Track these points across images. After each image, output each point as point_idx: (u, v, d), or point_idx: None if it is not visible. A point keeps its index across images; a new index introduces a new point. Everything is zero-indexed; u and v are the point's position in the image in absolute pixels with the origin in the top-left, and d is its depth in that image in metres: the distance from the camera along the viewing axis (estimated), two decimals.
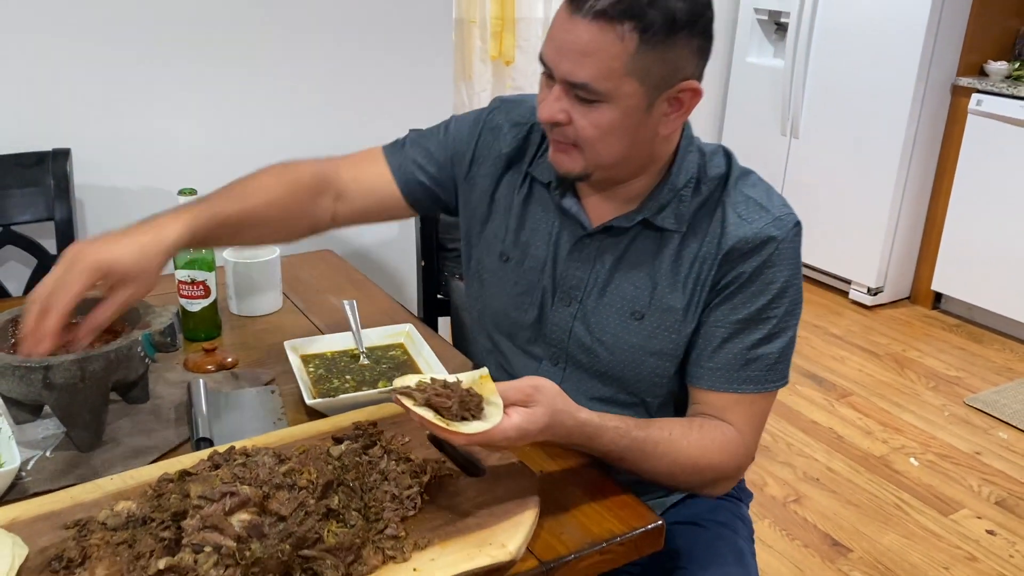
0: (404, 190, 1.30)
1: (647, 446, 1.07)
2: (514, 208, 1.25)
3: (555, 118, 1.07)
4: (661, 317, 1.16)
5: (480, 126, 1.29)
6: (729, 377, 1.14)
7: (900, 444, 2.75)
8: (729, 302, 1.13)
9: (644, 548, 1.02)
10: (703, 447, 1.11)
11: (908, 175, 3.56)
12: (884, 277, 3.71)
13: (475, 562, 0.90)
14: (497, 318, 1.30)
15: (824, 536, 2.31)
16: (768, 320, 1.13)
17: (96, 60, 1.77)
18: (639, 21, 0.99)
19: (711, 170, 1.16)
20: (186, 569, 0.82)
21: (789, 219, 1.14)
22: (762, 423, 1.18)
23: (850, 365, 3.26)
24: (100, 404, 1.12)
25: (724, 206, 1.14)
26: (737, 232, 1.12)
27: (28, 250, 1.73)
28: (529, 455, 1.12)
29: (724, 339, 1.14)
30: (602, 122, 1.06)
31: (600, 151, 1.09)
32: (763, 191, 1.16)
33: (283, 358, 1.34)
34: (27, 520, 0.94)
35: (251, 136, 1.98)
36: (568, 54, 1.03)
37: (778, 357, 1.14)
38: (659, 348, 1.17)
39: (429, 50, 2.17)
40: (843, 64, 3.61)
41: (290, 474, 0.92)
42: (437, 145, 1.31)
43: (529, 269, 1.24)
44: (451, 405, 0.94)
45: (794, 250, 1.15)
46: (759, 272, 1.12)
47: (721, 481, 1.16)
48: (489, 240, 1.28)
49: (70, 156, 1.74)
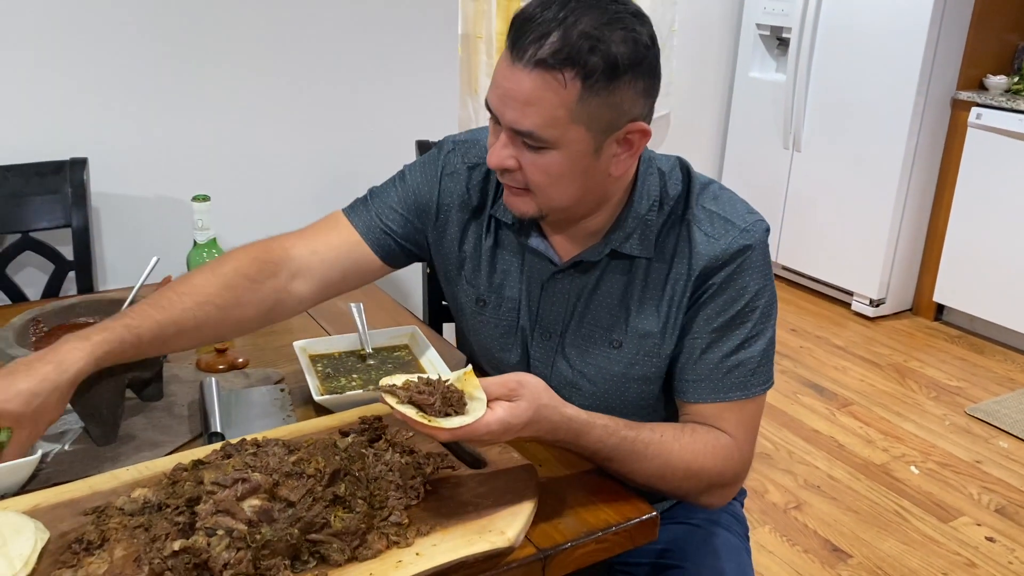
0: (377, 249, 1.26)
1: (637, 446, 1.07)
2: (483, 254, 1.25)
3: (504, 164, 1.07)
4: (639, 343, 1.17)
5: (439, 172, 1.27)
6: (714, 387, 1.15)
7: (901, 453, 2.78)
8: (703, 312, 1.14)
9: (638, 538, 1.06)
10: (695, 451, 1.11)
11: (909, 188, 3.60)
12: (886, 289, 3.75)
13: (475, 547, 0.94)
14: (485, 357, 1.32)
15: (824, 542, 2.34)
16: (744, 325, 1.14)
17: (112, 72, 1.82)
18: (580, 68, 0.98)
19: (671, 189, 1.16)
20: (200, 551, 0.86)
21: (757, 227, 1.15)
22: (755, 427, 1.18)
23: (852, 375, 3.29)
24: (117, 400, 1.17)
25: (688, 225, 1.14)
26: (707, 252, 1.13)
27: (46, 256, 1.78)
28: (529, 450, 1.16)
29: (703, 350, 1.14)
30: (551, 168, 1.05)
31: (551, 195, 1.09)
32: (725, 202, 1.16)
33: (292, 359, 1.38)
34: (48, 507, 0.98)
35: (262, 145, 2.04)
36: (511, 103, 1.02)
37: (759, 360, 1.15)
38: (641, 374, 1.18)
39: (435, 64, 2.22)
40: (844, 78, 3.66)
41: (299, 463, 0.96)
42: (398, 199, 1.28)
43: (507, 311, 1.25)
44: (433, 402, 0.96)
45: (763, 255, 1.15)
46: (730, 280, 1.13)
47: (717, 489, 1.15)
48: (464, 286, 1.28)
49: (87, 165, 1.80)
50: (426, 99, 2.23)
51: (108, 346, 1.06)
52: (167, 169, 1.94)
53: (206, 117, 1.95)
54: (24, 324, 1.22)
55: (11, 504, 0.99)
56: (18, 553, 0.88)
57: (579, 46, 0.98)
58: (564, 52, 0.98)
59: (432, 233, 1.29)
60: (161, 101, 1.89)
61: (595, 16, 0.99)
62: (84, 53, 1.79)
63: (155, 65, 1.86)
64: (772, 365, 1.19)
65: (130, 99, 1.86)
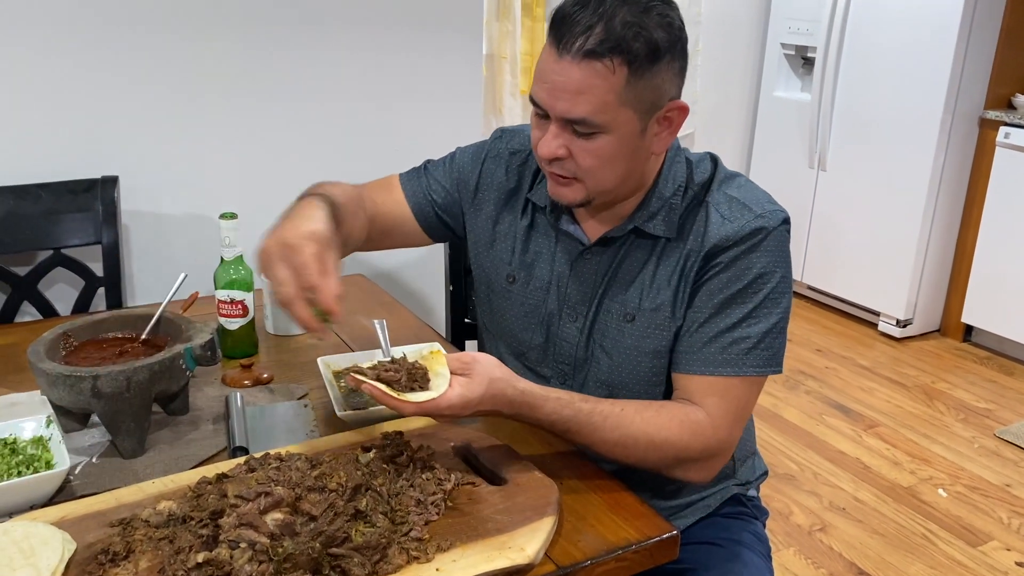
0: (418, 216, 1.40)
1: (594, 418, 1.12)
2: (518, 234, 1.33)
3: (555, 153, 1.13)
4: (651, 316, 1.21)
5: (483, 154, 1.38)
6: (704, 359, 1.18)
7: (928, 475, 2.74)
8: (707, 286, 1.18)
9: (659, 557, 1.05)
10: (660, 424, 1.14)
11: (936, 207, 3.57)
12: (913, 309, 3.71)
13: (495, 564, 0.94)
14: (507, 339, 1.36)
15: (850, 565, 2.31)
16: (745, 304, 1.17)
17: (143, 92, 1.86)
18: (626, 54, 1.06)
19: (697, 176, 1.23)
20: (223, 563, 0.87)
21: (775, 215, 1.19)
22: (739, 412, 1.19)
23: (878, 396, 3.26)
24: (143, 413, 1.19)
25: (707, 207, 1.20)
26: (720, 231, 1.17)
27: (77, 272, 1.81)
28: (548, 467, 1.16)
29: (701, 323, 1.18)
30: (602, 151, 1.12)
31: (601, 178, 1.15)
32: (748, 191, 1.21)
33: (316, 375, 1.40)
34: (75, 518, 1.00)
35: (288, 164, 2.07)
36: (562, 94, 1.09)
37: (757, 341, 1.17)
38: (652, 347, 1.22)
39: (460, 85, 2.24)
40: (870, 97, 3.64)
41: (321, 477, 0.97)
42: (444, 174, 1.40)
43: (534, 290, 1.31)
44: (400, 378, 1.04)
45: (779, 242, 1.18)
46: (737, 259, 1.17)
47: (688, 463, 1.18)
48: (495, 263, 1.35)
49: (118, 183, 1.83)
50: (451, 119, 2.25)
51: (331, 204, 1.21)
52: (196, 187, 1.97)
53: (234, 136, 1.99)
54: (55, 338, 1.24)
55: (40, 515, 1.01)
56: (46, 564, 0.89)
57: (623, 34, 1.05)
58: (610, 41, 1.05)
59: (469, 209, 1.38)
60: (191, 120, 1.93)
61: (632, 6, 1.07)
62: (116, 73, 1.83)
63: (185, 85, 1.90)
64: (777, 352, 1.19)
65: (160, 118, 1.89)
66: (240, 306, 1.49)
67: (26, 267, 1.79)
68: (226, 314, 1.49)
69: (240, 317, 1.50)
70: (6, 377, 1.41)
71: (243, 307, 1.49)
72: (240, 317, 1.50)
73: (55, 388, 1.14)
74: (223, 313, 1.50)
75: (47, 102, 1.79)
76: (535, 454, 1.20)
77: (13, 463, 1.08)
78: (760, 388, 1.22)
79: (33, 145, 1.80)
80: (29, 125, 1.78)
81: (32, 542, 0.92)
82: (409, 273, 2.28)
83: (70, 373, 1.13)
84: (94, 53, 1.80)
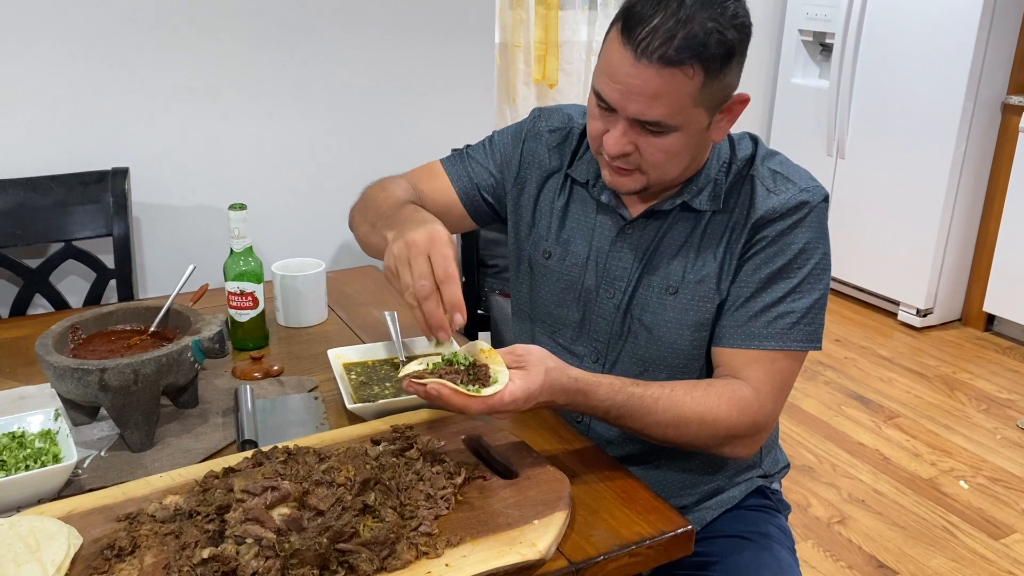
0: (464, 201, 1.40)
1: (646, 401, 1.11)
2: (556, 210, 1.33)
3: (624, 151, 1.13)
4: (695, 289, 1.21)
5: (523, 134, 1.38)
6: (748, 333, 1.18)
7: (949, 467, 2.70)
8: (752, 261, 1.19)
9: (673, 552, 1.03)
10: (709, 403, 1.13)
11: (958, 195, 3.51)
12: (934, 298, 3.66)
13: (505, 559, 0.92)
14: (543, 316, 1.36)
15: (869, 558, 2.28)
16: (790, 279, 1.17)
17: (153, 83, 1.85)
18: (704, 61, 1.06)
19: (740, 152, 1.24)
20: (228, 559, 0.86)
21: (817, 191, 1.20)
22: (783, 385, 1.19)
23: (898, 387, 3.22)
24: (152, 406, 1.18)
25: (753, 180, 1.21)
26: (766, 204, 1.18)
27: (88, 264, 1.80)
28: (560, 460, 1.14)
29: (747, 298, 1.19)
30: (671, 147, 1.13)
31: (666, 171, 1.16)
32: (790, 168, 1.23)
33: (327, 367, 1.38)
34: (82, 513, 0.99)
35: (298, 155, 2.05)
36: (636, 98, 1.08)
37: (801, 316, 1.17)
38: (695, 320, 1.21)
39: (472, 74, 2.22)
40: (890, 84, 3.58)
41: (329, 471, 0.96)
42: (485, 156, 1.41)
43: (571, 266, 1.31)
44: (461, 378, 1.02)
45: (820, 218, 1.19)
46: (783, 234, 1.17)
47: (737, 440, 1.17)
48: (536, 240, 1.35)
49: (128, 175, 1.82)
50: (463, 108, 2.23)
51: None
52: (206, 179, 1.96)
53: (244, 127, 1.97)
54: (63, 331, 1.23)
55: (46, 509, 1.00)
56: (51, 559, 0.88)
57: (703, 40, 1.05)
58: (692, 49, 1.05)
59: (512, 189, 1.38)
60: (200, 112, 1.92)
61: (711, 8, 1.06)
62: (126, 65, 1.82)
63: (195, 77, 1.89)
64: (818, 329, 1.20)
65: (170, 110, 1.88)
66: (250, 298, 1.48)
67: (38, 259, 1.79)
68: (236, 306, 1.48)
69: (250, 309, 1.48)
70: (16, 371, 1.41)
71: (253, 299, 1.48)
72: (250, 309, 1.48)
73: (63, 381, 1.13)
74: (233, 305, 1.48)
75: (57, 94, 1.78)
76: (546, 447, 1.19)
77: (21, 457, 1.08)
78: (801, 364, 1.22)
79: (43, 137, 1.79)
80: (40, 117, 1.78)
81: (38, 537, 0.91)
82: None
83: (77, 366, 1.12)
84: (105, 45, 1.79)
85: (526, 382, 1.03)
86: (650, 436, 1.15)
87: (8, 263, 1.75)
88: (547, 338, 1.36)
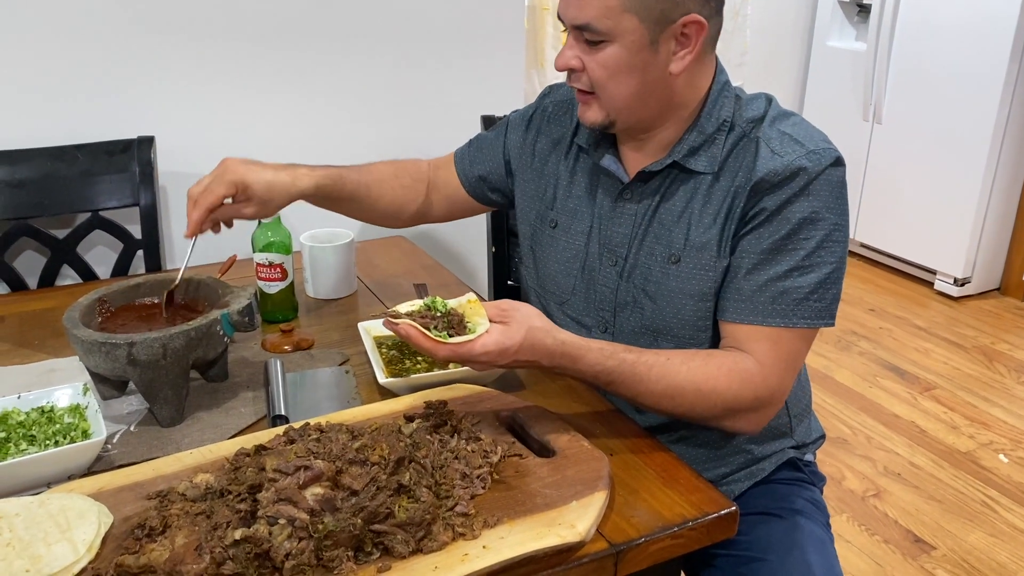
0: (471, 192, 1.45)
1: (638, 368, 1.08)
2: (562, 179, 1.31)
3: (568, 64, 1.13)
4: (697, 256, 1.16)
5: (531, 113, 1.39)
6: (753, 308, 1.13)
7: (988, 440, 2.64)
8: (755, 232, 1.13)
9: (716, 534, 1.00)
10: (707, 373, 1.10)
11: (999, 161, 3.41)
12: (972, 267, 3.57)
13: (544, 542, 0.89)
14: (550, 287, 1.33)
15: (906, 532, 2.24)
16: (795, 252, 1.11)
17: (179, 50, 1.82)
18: None
19: (747, 113, 1.17)
20: (261, 540, 0.84)
21: (827, 154, 1.12)
22: (790, 362, 1.15)
23: (934, 358, 3.15)
24: (181, 381, 1.16)
25: (758, 142, 1.14)
26: (768, 165, 1.12)
27: (115, 235, 1.78)
28: (599, 437, 1.11)
29: (749, 270, 1.13)
30: (609, 62, 1.10)
31: (612, 92, 1.13)
32: (803, 129, 1.15)
33: (357, 340, 1.36)
34: (112, 490, 0.98)
35: (326, 123, 2.02)
36: (572, 1, 1.09)
37: (809, 292, 1.11)
38: (697, 289, 1.17)
39: (502, 37, 2.16)
40: (929, 47, 3.47)
41: (362, 450, 0.93)
42: (496, 147, 1.42)
43: (576, 234, 1.28)
44: (436, 324, 1.02)
45: (830, 184, 1.12)
46: (787, 202, 1.11)
47: (739, 414, 1.13)
48: (541, 212, 1.33)
49: (154, 144, 1.80)
50: (492, 73, 2.17)
51: (329, 180, 1.32)
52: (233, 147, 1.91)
53: (271, 95, 1.94)
54: (90, 304, 1.21)
55: (76, 487, 0.98)
56: (82, 538, 0.87)
57: None
58: None
59: (519, 171, 1.38)
60: (227, 79, 1.88)
61: None
62: (151, 31, 1.78)
63: (221, 44, 1.85)
64: (829, 305, 1.14)
65: (196, 78, 1.85)
66: (279, 269, 1.45)
67: (64, 230, 1.77)
68: (265, 277, 1.46)
69: (279, 280, 1.46)
70: (46, 343, 1.40)
71: (282, 270, 1.46)
72: (279, 280, 1.46)
73: (91, 355, 1.12)
74: (262, 276, 1.46)
75: (81, 61, 1.75)
76: (583, 423, 1.15)
77: (50, 432, 1.06)
78: (812, 340, 1.17)
79: (68, 105, 1.76)
80: (64, 85, 1.75)
81: (68, 515, 0.90)
82: (451, 235, 2.23)
83: (105, 340, 1.10)
84: (130, 12, 1.75)
85: (503, 336, 1.02)
86: (644, 405, 1.12)
87: (35, 234, 1.73)
88: (557, 309, 1.33)
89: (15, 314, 1.52)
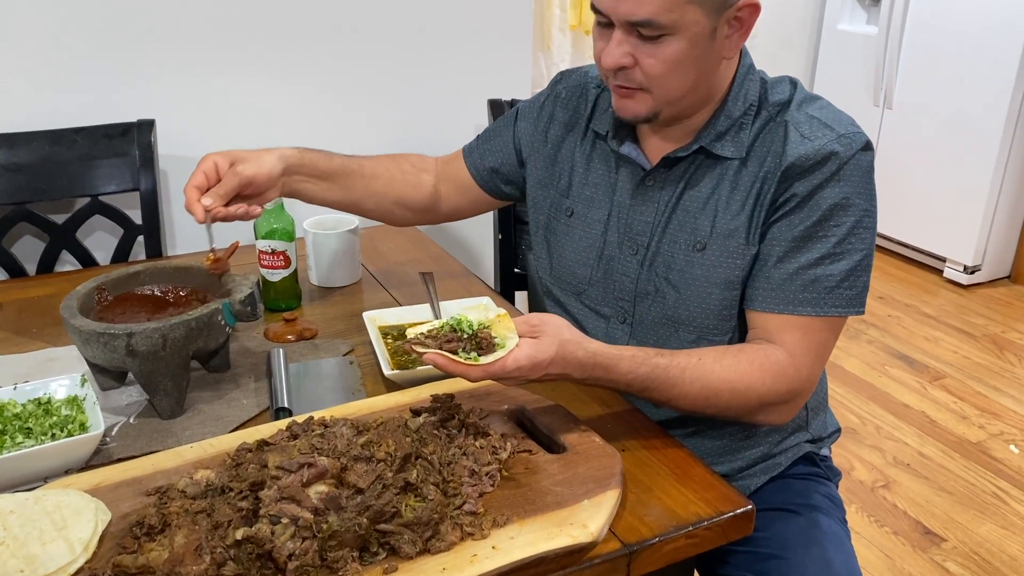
0: (483, 186, 1.41)
1: (672, 372, 1.05)
2: (577, 166, 1.27)
3: (620, 63, 1.06)
4: (724, 244, 1.13)
5: (542, 100, 1.34)
6: (783, 297, 1.10)
7: (999, 430, 2.61)
8: (786, 219, 1.10)
9: (732, 533, 0.97)
10: (740, 370, 1.07)
11: (1012, 147, 3.36)
12: (982, 255, 3.53)
13: (555, 542, 0.87)
14: (566, 277, 1.29)
15: (915, 524, 2.21)
16: (826, 239, 1.08)
17: (179, 33, 1.78)
18: None
19: (773, 96, 1.14)
20: (263, 540, 0.81)
21: (857, 138, 1.09)
22: (821, 351, 1.12)
23: (944, 346, 3.11)
24: (181, 372, 1.13)
25: (786, 126, 1.11)
26: (798, 150, 1.08)
27: (115, 220, 1.75)
28: (612, 435, 1.08)
29: (779, 258, 1.10)
30: (669, 56, 1.05)
31: (670, 86, 1.08)
32: (831, 113, 1.13)
33: (362, 329, 1.33)
34: (110, 485, 0.95)
35: (330, 108, 1.98)
36: None
37: (840, 280, 1.09)
38: (724, 277, 1.14)
39: (508, 21, 2.12)
40: (942, 30, 3.41)
41: (368, 446, 0.90)
42: (504, 129, 1.38)
43: (593, 222, 1.24)
44: (464, 345, 0.97)
45: (859, 170, 1.09)
46: (819, 188, 1.08)
47: (772, 407, 1.11)
48: (556, 200, 1.30)
49: (154, 127, 1.76)
50: (499, 57, 2.13)
51: (314, 152, 1.31)
52: (234, 131, 1.89)
53: (273, 78, 1.90)
54: (88, 292, 1.18)
55: (74, 481, 0.96)
56: (78, 536, 0.84)
57: None
58: None
59: (531, 160, 1.34)
60: (228, 63, 1.84)
61: None
62: (150, 13, 1.74)
63: (222, 27, 1.81)
64: (860, 292, 1.12)
65: (197, 61, 1.81)
66: (282, 257, 1.42)
67: (64, 215, 1.74)
68: (268, 265, 1.43)
69: (282, 268, 1.43)
70: (44, 331, 1.37)
71: (285, 258, 1.42)
72: (282, 268, 1.43)
73: (89, 345, 1.09)
74: (264, 264, 1.43)
75: (80, 43, 1.71)
76: (593, 417, 1.12)
77: (47, 425, 1.03)
78: (840, 329, 1.14)
79: (66, 88, 1.72)
80: (64, 67, 1.71)
81: (64, 512, 0.87)
82: (458, 223, 2.18)
83: (103, 330, 1.07)
84: None
85: (535, 350, 0.97)
86: (679, 408, 1.10)
87: (34, 219, 1.70)
88: (573, 299, 1.30)
89: (13, 301, 1.50)
